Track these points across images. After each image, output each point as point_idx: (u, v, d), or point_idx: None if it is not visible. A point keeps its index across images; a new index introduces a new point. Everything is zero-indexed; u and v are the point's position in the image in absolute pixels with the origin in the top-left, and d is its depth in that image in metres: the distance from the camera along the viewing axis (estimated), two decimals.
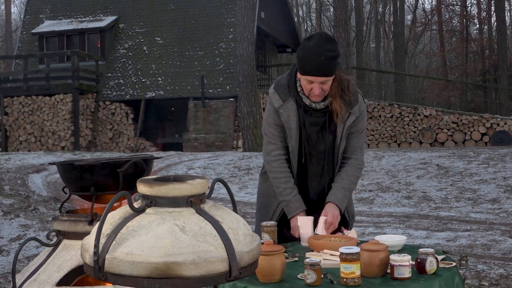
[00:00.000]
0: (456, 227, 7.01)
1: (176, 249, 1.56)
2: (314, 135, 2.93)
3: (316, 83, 2.77)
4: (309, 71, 2.75)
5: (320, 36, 2.76)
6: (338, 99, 2.84)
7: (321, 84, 2.77)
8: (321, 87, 2.78)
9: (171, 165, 13.47)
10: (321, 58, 2.70)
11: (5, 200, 9.02)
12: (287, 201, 2.93)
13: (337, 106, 2.85)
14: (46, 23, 22.71)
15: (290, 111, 2.90)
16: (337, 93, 2.84)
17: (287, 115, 2.91)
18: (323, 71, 2.73)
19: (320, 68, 2.72)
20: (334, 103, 2.85)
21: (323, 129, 2.92)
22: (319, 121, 2.91)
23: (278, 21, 24.47)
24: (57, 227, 2.65)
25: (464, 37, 31.34)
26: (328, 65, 2.72)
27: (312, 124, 2.92)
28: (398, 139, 18.38)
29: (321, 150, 2.95)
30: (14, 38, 36.88)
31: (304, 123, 2.91)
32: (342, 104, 2.85)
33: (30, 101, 19.51)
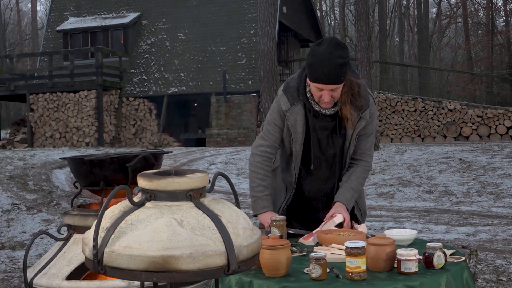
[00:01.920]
0: (477, 221, 6.93)
1: (174, 242, 1.56)
2: (324, 139, 2.90)
3: (326, 91, 2.71)
4: (319, 78, 2.69)
5: (331, 42, 2.69)
6: (348, 105, 2.79)
7: (331, 91, 2.72)
8: (331, 95, 2.73)
9: (193, 161, 13.53)
10: (331, 66, 2.64)
11: (28, 196, 9.15)
12: (256, 198, 2.95)
13: (347, 113, 2.80)
14: (70, 20, 22.95)
15: (297, 115, 2.86)
16: (347, 99, 2.79)
17: (294, 119, 2.87)
18: (333, 79, 2.67)
19: (330, 76, 2.66)
20: (344, 110, 2.80)
21: (333, 134, 2.89)
22: (329, 126, 2.88)
23: (301, 15, 24.38)
24: (67, 221, 2.69)
25: (490, 30, 30.87)
26: (338, 72, 2.66)
27: (322, 128, 2.88)
28: (422, 133, 18.21)
29: (331, 154, 2.93)
30: (39, 36, 37.35)
31: (314, 127, 2.88)
32: (352, 111, 2.80)
33: (55, 98, 19.73)
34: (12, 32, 45.30)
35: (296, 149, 2.91)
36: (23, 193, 9.33)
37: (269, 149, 2.96)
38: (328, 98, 2.73)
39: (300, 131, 2.88)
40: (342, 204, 2.90)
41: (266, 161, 2.97)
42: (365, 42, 13.24)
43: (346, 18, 40.51)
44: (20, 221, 7.69)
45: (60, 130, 19.71)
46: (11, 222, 7.63)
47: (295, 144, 2.91)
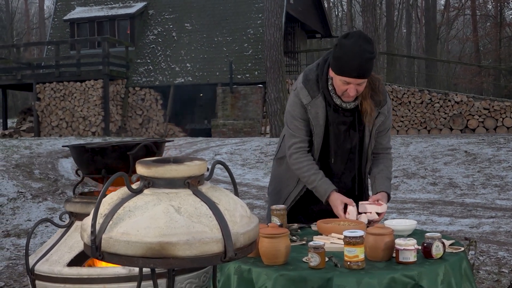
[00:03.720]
0: (480, 214, 6.93)
1: (171, 229, 1.58)
2: (342, 134, 2.90)
3: (353, 85, 2.72)
4: (348, 72, 2.68)
5: (359, 36, 2.70)
6: (368, 100, 2.82)
7: (357, 85, 2.73)
8: (357, 89, 2.74)
9: (199, 151, 13.56)
10: (361, 59, 2.64)
11: (34, 184, 9.19)
12: (314, 187, 2.90)
13: (368, 107, 2.82)
14: (77, 9, 22.96)
15: (318, 108, 2.86)
16: (367, 94, 2.82)
17: (315, 112, 2.86)
18: (362, 73, 2.68)
19: (360, 70, 2.67)
20: (364, 104, 2.83)
21: (351, 129, 2.90)
22: (347, 120, 2.89)
23: (308, 6, 24.30)
24: (69, 208, 2.71)
25: (498, 22, 30.69)
26: (367, 66, 2.67)
27: (340, 123, 2.89)
28: (428, 125, 18.16)
29: (347, 149, 2.93)
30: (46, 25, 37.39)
31: (333, 121, 2.88)
32: (372, 105, 2.83)
33: (61, 87, 19.77)
34: (20, 22, 45.36)
35: (317, 142, 2.90)
36: (29, 181, 9.38)
37: (302, 144, 2.93)
38: (354, 92, 2.73)
39: (322, 124, 2.87)
40: (385, 193, 2.91)
41: (303, 154, 2.93)
42: (371, 33, 13.20)
43: (353, 9, 40.33)
44: (25, 209, 7.74)
45: (66, 120, 19.77)
46: (16, 210, 7.68)
47: (316, 137, 2.90)
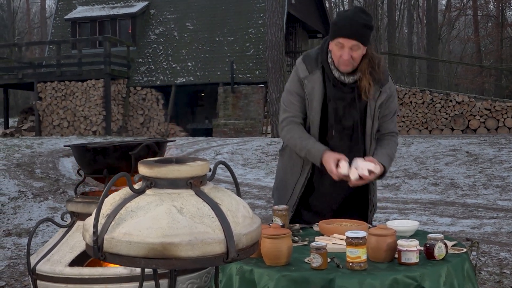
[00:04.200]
0: (482, 214, 6.92)
1: (173, 230, 1.57)
2: (341, 109, 2.86)
3: (347, 48, 2.71)
4: (342, 32, 2.70)
5: (357, 7, 2.80)
6: (367, 76, 2.79)
7: (351, 50, 2.71)
8: (351, 54, 2.72)
9: (200, 150, 13.55)
10: (354, 22, 2.68)
11: (35, 183, 9.19)
12: (308, 151, 2.84)
13: (366, 83, 2.79)
14: (79, 9, 22.96)
15: (315, 83, 2.85)
16: (367, 70, 2.79)
17: (311, 87, 2.86)
18: (355, 34, 2.69)
19: (352, 30, 2.68)
20: (363, 79, 2.80)
21: (351, 106, 2.86)
22: (346, 97, 2.85)
23: (309, 6, 24.29)
24: (71, 208, 2.71)
25: (500, 22, 30.67)
26: (360, 30, 2.69)
27: (339, 98, 2.85)
28: (429, 125, 18.14)
29: (347, 126, 2.87)
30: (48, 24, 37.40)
31: (331, 97, 2.85)
32: (371, 81, 2.80)
33: (63, 86, 19.77)
34: (21, 21, 45.38)
35: (312, 116, 2.87)
36: (30, 180, 9.37)
37: (295, 118, 2.92)
38: (348, 56, 2.72)
39: (318, 99, 2.85)
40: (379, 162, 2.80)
41: (295, 124, 2.91)
42: (373, 33, 13.17)
43: None
44: (26, 208, 7.74)
45: (67, 119, 19.77)
46: (17, 210, 7.68)
47: (311, 112, 2.87)
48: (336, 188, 2.95)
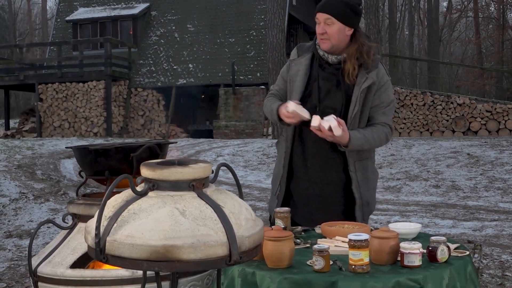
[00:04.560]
0: (483, 216, 6.91)
1: (175, 232, 1.57)
2: (325, 89, 2.87)
3: (322, 23, 2.78)
4: (318, 8, 2.81)
5: None
6: (353, 60, 2.80)
7: (325, 24, 2.77)
8: (325, 29, 2.77)
9: (201, 152, 13.55)
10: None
11: (36, 185, 9.19)
12: (271, 112, 2.93)
13: (350, 66, 2.80)
14: (80, 10, 22.98)
15: (300, 66, 2.91)
16: (354, 54, 2.80)
17: (297, 69, 2.92)
18: (328, 8, 2.76)
19: (327, 4, 2.77)
20: (348, 62, 2.81)
21: (336, 87, 2.86)
22: (332, 78, 2.86)
23: (310, 8, 24.27)
24: (72, 210, 2.70)
25: (501, 24, 30.66)
26: (336, 5, 2.76)
27: (324, 78, 2.88)
28: (430, 127, 18.13)
29: (330, 106, 2.85)
30: (49, 26, 37.43)
31: (317, 77, 2.88)
32: (356, 66, 2.80)
33: (64, 88, 19.78)
34: (22, 22, 45.42)
35: (293, 98, 2.88)
36: (31, 182, 9.37)
37: (275, 92, 3.05)
38: (321, 30, 2.78)
39: (299, 81, 2.90)
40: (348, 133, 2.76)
41: (273, 96, 3.03)
42: (374, 35, 13.19)
43: None
44: (27, 210, 7.74)
45: (68, 120, 19.78)
46: (18, 211, 7.67)
47: (292, 93, 2.92)
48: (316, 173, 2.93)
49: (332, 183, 2.92)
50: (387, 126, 2.91)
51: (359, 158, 2.90)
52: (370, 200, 2.99)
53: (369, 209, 3.00)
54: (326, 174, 2.90)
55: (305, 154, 2.93)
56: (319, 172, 2.91)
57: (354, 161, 2.88)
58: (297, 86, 2.89)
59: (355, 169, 2.89)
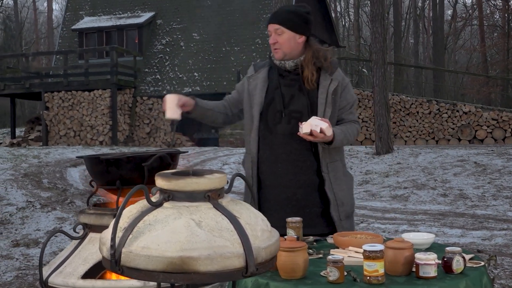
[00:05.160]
0: (492, 225, 6.87)
1: (192, 244, 1.55)
2: (288, 95, 2.94)
3: (273, 33, 2.89)
4: (268, 20, 2.93)
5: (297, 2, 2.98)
6: (310, 66, 2.90)
7: (276, 35, 2.88)
8: (277, 39, 2.87)
9: (206, 161, 13.54)
10: (280, 10, 2.95)
11: (43, 193, 9.19)
12: None
13: (308, 73, 2.89)
14: (86, 19, 23.07)
15: (258, 80, 3.00)
16: (310, 61, 2.90)
17: (255, 84, 3.00)
18: (276, 18, 2.88)
19: (275, 15, 2.90)
20: (305, 69, 2.91)
21: (299, 92, 2.93)
22: (294, 84, 2.94)
23: (315, 16, 24.27)
24: (83, 220, 2.69)
25: (506, 32, 30.64)
26: (284, 15, 2.88)
27: (286, 85, 2.95)
28: (436, 136, 18.09)
29: (295, 110, 2.91)
30: (55, 35, 37.58)
31: (278, 85, 2.95)
32: (314, 72, 2.90)
33: (69, 96, 19.82)
34: (28, 31, 45.63)
35: (254, 110, 2.97)
36: (38, 190, 9.37)
37: (224, 102, 3.14)
38: (273, 40, 2.89)
39: (259, 92, 2.97)
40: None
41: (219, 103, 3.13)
42: (380, 43, 13.17)
43: (360, 19, 40.39)
44: (34, 218, 7.73)
45: (74, 129, 19.81)
46: (25, 220, 7.67)
47: (254, 105, 2.98)
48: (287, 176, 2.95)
49: (304, 186, 2.96)
50: (357, 122, 3.07)
51: (330, 160, 2.97)
52: (345, 201, 3.02)
53: (345, 209, 3.02)
54: (297, 177, 2.95)
55: (274, 160, 2.97)
56: (290, 176, 2.95)
57: (327, 162, 2.96)
58: (257, 97, 2.98)
59: (328, 170, 2.96)
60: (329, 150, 2.94)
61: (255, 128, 2.97)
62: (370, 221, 7.38)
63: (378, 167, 11.61)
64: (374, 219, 7.49)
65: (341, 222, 2.99)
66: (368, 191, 9.72)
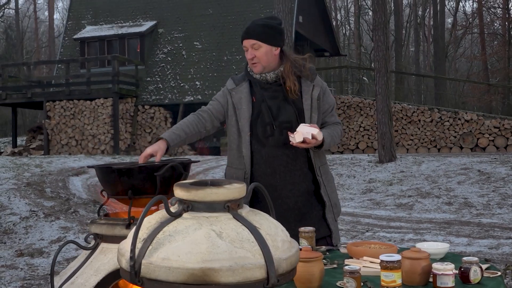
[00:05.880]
0: (498, 234, 6.84)
1: (213, 255, 1.53)
2: (275, 106, 2.96)
3: (249, 48, 2.91)
4: (242, 36, 2.95)
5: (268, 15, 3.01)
6: (291, 77, 2.93)
7: (253, 49, 2.90)
8: (254, 54, 2.90)
9: (209, 169, 13.52)
10: (252, 24, 2.93)
11: (46, 203, 9.16)
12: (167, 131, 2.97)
13: (290, 84, 2.92)
14: (88, 28, 23.10)
15: (242, 94, 3.00)
16: (290, 72, 2.93)
17: (239, 97, 3.00)
18: (251, 33, 2.90)
19: (249, 30, 2.92)
20: (287, 81, 2.93)
21: (285, 102, 2.96)
22: (278, 95, 2.97)
23: (316, 25, 24.37)
24: (95, 230, 2.66)
25: (507, 40, 30.69)
26: (258, 29, 2.89)
27: (271, 98, 2.97)
28: (438, 144, 18.08)
29: (285, 120, 2.94)
30: (56, 44, 37.64)
31: (263, 98, 2.96)
32: (296, 82, 2.93)
33: (71, 105, 19.83)
34: (30, 40, 45.71)
35: (242, 124, 2.97)
36: (41, 200, 9.35)
37: (202, 113, 3.05)
38: (250, 55, 2.91)
39: (245, 106, 2.97)
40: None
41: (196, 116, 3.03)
42: (382, 51, 13.18)
43: (361, 28, 40.47)
44: (38, 228, 7.70)
45: (76, 138, 19.80)
46: (29, 229, 7.64)
47: (241, 119, 2.97)
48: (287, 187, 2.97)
49: (304, 193, 3.01)
50: (339, 124, 3.14)
51: (321, 163, 3.05)
52: (336, 202, 3.13)
53: (337, 210, 3.13)
54: (296, 187, 2.99)
55: (271, 173, 2.98)
56: (289, 186, 2.98)
57: (319, 166, 3.03)
58: (244, 111, 2.97)
59: (321, 174, 3.03)
60: (318, 154, 3.02)
61: (246, 143, 2.97)
62: (376, 229, 7.35)
63: (381, 175, 11.59)
64: (380, 228, 7.47)
65: (335, 224, 3.09)
66: (372, 199, 9.69)
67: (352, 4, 42.53)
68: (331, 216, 3.05)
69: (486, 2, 33.51)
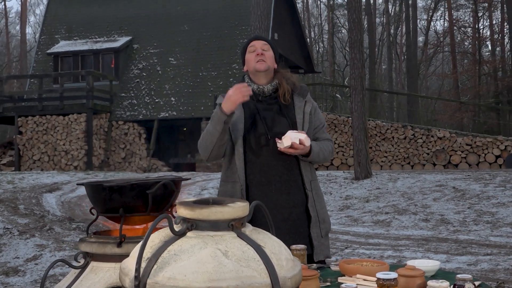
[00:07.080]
0: (476, 251, 6.91)
1: (220, 274, 1.52)
2: (269, 118, 3.01)
3: (259, 48, 3.01)
4: (252, 38, 3.10)
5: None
6: (284, 85, 3.03)
7: (263, 50, 3.01)
8: (264, 53, 3.00)
9: (185, 186, 13.44)
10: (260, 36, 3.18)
11: (20, 220, 9.01)
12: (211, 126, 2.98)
13: (285, 88, 3.03)
14: (61, 43, 22.92)
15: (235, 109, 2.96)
16: (282, 80, 3.05)
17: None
18: (261, 37, 3.11)
19: (258, 36, 3.16)
20: (281, 87, 3.03)
21: (279, 114, 3.02)
22: (272, 107, 3.03)
23: (291, 42, 24.55)
24: (85, 249, 2.62)
25: (477, 59, 31.29)
26: (265, 37, 3.12)
27: (265, 109, 3.02)
28: (411, 160, 18.27)
29: (280, 131, 2.95)
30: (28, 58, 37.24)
31: (258, 111, 3.01)
32: (288, 87, 3.04)
33: (44, 121, 19.60)
34: (0, 55, 45.14)
35: (236, 137, 2.98)
36: (15, 217, 9.18)
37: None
38: (261, 50, 3.00)
39: (239, 119, 2.98)
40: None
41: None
42: (358, 69, 13.31)
43: (334, 45, 40.88)
44: (12, 246, 7.55)
45: (48, 153, 19.55)
46: (3, 247, 7.49)
47: (234, 131, 2.99)
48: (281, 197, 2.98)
49: (298, 205, 3.02)
50: (331, 140, 3.19)
51: (312, 178, 3.07)
52: (325, 218, 3.13)
53: (325, 227, 3.11)
54: (290, 197, 3.00)
55: (266, 182, 2.99)
56: (284, 196, 2.99)
57: (310, 180, 3.05)
58: (237, 123, 2.99)
59: (311, 188, 3.05)
60: (309, 168, 3.05)
61: (240, 154, 2.98)
62: (355, 246, 7.37)
63: (358, 192, 11.66)
64: (358, 245, 7.49)
65: (321, 240, 3.06)
66: (350, 216, 9.73)
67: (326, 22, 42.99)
68: (317, 231, 3.03)
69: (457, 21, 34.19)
